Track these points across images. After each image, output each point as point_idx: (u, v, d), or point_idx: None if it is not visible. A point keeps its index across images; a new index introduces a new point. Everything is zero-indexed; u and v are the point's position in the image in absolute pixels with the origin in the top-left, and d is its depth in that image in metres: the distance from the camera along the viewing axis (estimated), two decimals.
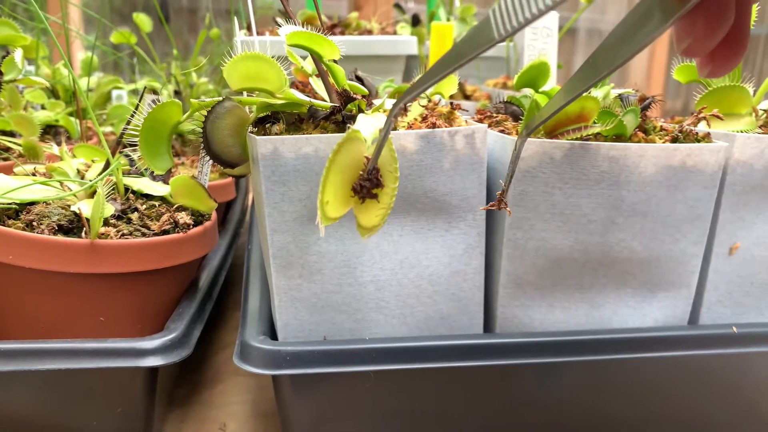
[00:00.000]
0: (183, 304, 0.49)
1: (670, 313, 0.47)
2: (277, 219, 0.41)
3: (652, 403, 0.47)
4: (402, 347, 0.42)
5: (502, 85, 0.97)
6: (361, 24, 0.87)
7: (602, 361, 0.44)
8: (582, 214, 0.43)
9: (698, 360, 0.46)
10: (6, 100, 0.65)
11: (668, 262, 0.45)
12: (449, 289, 0.45)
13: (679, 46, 0.29)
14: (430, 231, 0.43)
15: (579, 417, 0.46)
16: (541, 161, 0.41)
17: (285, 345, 0.41)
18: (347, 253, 0.42)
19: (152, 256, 0.45)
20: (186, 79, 0.92)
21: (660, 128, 0.46)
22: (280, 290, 0.43)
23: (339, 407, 0.43)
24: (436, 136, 0.41)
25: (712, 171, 0.43)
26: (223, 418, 0.53)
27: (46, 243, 0.42)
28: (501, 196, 0.38)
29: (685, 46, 0.29)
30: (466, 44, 0.29)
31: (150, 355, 0.42)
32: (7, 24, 0.61)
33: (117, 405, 0.43)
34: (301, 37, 0.41)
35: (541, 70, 0.44)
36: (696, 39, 0.28)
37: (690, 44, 0.29)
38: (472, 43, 0.29)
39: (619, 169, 0.42)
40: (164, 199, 0.50)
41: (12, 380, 0.41)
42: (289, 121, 0.44)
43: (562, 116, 0.42)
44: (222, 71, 0.41)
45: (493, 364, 0.43)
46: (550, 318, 0.46)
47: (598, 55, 0.31)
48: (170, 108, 0.43)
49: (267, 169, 0.40)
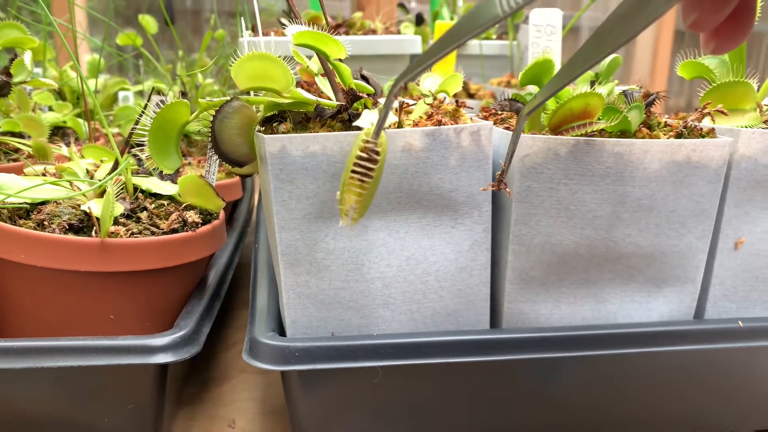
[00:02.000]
0: (192, 302, 0.49)
1: (675, 308, 0.47)
2: (285, 216, 0.42)
3: (658, 397, 0.47)
4: (409, 343, 0.42)
5: (506, 84, 0.98)
6: (366, 24, 0.88)
7: (608, 356, 0.44)
8: (587, 209, 0.43)
9: (704, 354, 0.46)
10: (15, 102, 0.66)
11: (674, 257, 0.45)
12: (456, 285, 0.45)
13: (686, 19, 0.29)
14: (436, 227, 0.44)
15: (585, 412, 0.47)
16: (546, 157, 0.42)
17: (294, 341, 0.41)
18: (354, 249, 0.43)
19: (162, 254, 0.46)
20: (192, 80, 0.93)
21: (664, 124, 0.46)
22: (289, 287, 0.43)
23: (347, 403, 0.44)
24: (442, 134, 0.41)
25: (717, 166, 0.43)
26: (232, 415, 0.54)
27: (57, 242, 0.43)
28: (500, 177, 0.38)
29: (691, 20, 0.29)
30: (469, 20, 0.29)
31: (160, 352, 0.42)
32: (15, 26, 0.62)
33: (128, 402, 0.44)
34: (307, 37, 0.41)
35: (545, 67, 0.45)
36: (703, 13, 0.28)
37: (697, 18, 0.29)
38: (476, 19, 0.29)
39: (624, 165, 0.42)
40: (173, 198, 0.51)
41: (24, 377, 0.42)
42: (296, 120, 0.45)
43: (567, 112, 0.42)
44: (227, 72, 0.42)
45: (499, 359, 0.43)
46: (556, 313, 0.46)
47: (602, 33, 0.30)
48: (179, 108, 0.44)
49: (275, 167, 0.40)
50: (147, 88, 0.93)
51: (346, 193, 0.35)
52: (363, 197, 0.35)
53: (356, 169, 0.35)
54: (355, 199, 0.35)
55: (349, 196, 0.35)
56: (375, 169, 0.35)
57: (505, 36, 1.12)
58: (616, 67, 0.51)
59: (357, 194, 0.35)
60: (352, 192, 0.35)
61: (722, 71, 0.50)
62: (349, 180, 0.35)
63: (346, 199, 0.35)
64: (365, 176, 0.35)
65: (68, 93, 0.83)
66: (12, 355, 0.41)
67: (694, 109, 0.49)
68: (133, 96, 0.88)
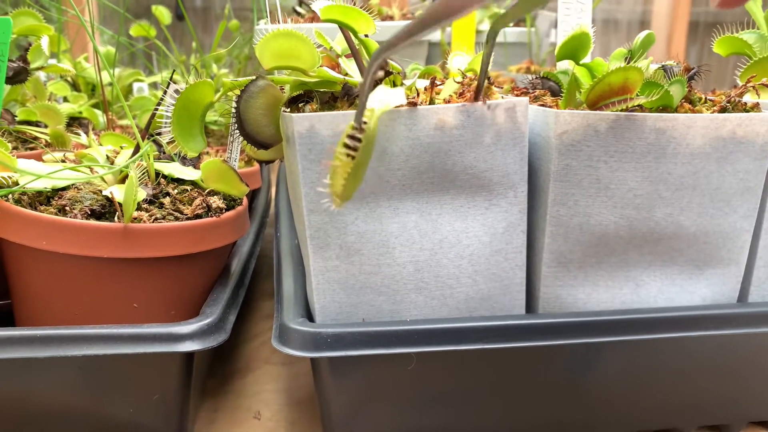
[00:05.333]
0: (217, 290, 0.48)
1: (718, 290, 0.45)
2: (313, 199, 0.40)
3: (701, 382, 0.45)
4: (443, 328, 0.41)
5: (525, 70, 0.96)
6: (383, 10, 0.86)
7: (649, 341, 0.43)
8: (628, 188, 0.41)
9: (748, 338, 0.44)
10: (31, 91, 0.65)
11: (717, 237, 0.43)
12: (490, 269, 0.43)
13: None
14: (469, 209, 0.42)
15: (625, 397, 0.45)
16: (585, 134, 0.40)
17: (326, 327, 0.40)
18: (385, 232, 0.41)
19: (186, 240, 0.44)
20: (206, 71, 0.92)
21: (705, 99, 0.45)
22: (318, 272, 0.42)
23: (379, 390, 0.42)
24: (476, 110, 0.40)
25: (764, 142, 0.41)
26: (257, 406, 0.52)
27: (80, 228, 0.42)
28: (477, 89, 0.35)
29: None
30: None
31: (187, 339, 0.41)
32: (30, 14, 0.61)
33: (153, 392, 0.42)
34: (335, 11, 0.40)
35: (582, 41, 0.43)
36: None
37: None
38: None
39: (666, 141, 0.40)
40: (195, 184, 0.49)
41: (48, 367, 0.40)
42: (322, 100, 0.43)
43: (605, 87, 0.41)
44: (241, 62, 0.41)
45: (536, 345, 0.41)
46: (594, 297, 0.44)
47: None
48: (203, 88, 0.42)
49: (303, 147, 0.39)
50: (161, 79, 0.92)
51: (333, 177, 0.33)
52: (347, 181, 0.33)
53: (341, 150, 0.32)
54: (341, 183, 0.33)
55: (336, 179, 0.33)
56: (359, 151, 0.32)
57: (522, 23, 1.11)
58: (651, 43, 0.50)
59: (343, 177, 0.33)
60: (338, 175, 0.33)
61: (762, 45, 0.48)
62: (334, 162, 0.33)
63: (334, 182, 0.33)
64: (349, 157, 0.32)
65: (83, 84, 0.82)
66: (35, 344, 0.39)
67: (732, 87, 0.47)
68: (147, 87, 0.87)
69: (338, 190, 0.32)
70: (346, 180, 0.32)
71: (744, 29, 0.50)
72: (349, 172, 0.32)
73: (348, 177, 0.32)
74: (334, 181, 0.32)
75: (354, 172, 0.32)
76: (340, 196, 0.32)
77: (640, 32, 0.50)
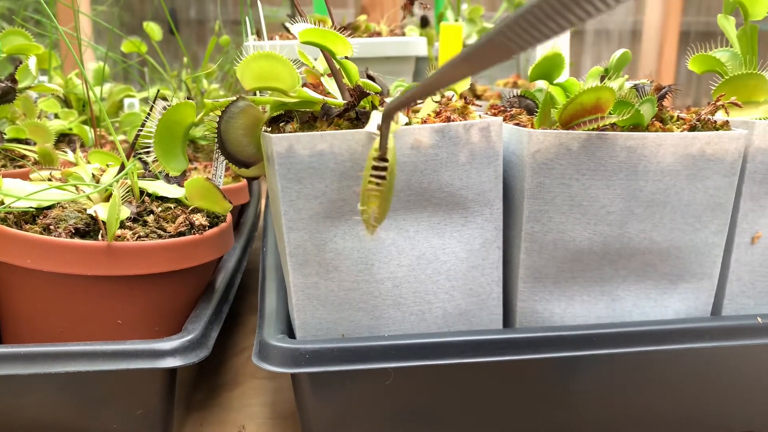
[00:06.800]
0: (200, 306, 0.49)
1: (692, 304, 0.46)
2: (293, 217, 0.41)
3: (674, 396, 0.46)
4: (421, 343, 0.41)
5: (513, 84, 0.97)
6: (370, 26, 0.87)
7: (624, 355, 0.43)
8: (600, 205, 0.42)
9: (722, 352, 0.45)
10: (20, 109, 0.65)
11: (689, 252, 0.44)
12: (467, 284, 0.44)
13: None
14: (446, 226, 0.43)
15: (600, 412, 0.46)
16: (558, 152, 0.41)
17: (304, 343, 0.40)
18: (364, 249, 0.42)
19: (169, 257, 0.45)
20: (197, 86, 0.93)
21: (677, 118, 0.46)
22: (298, 288, 0.43)
23: (359, 405, 0.43)
24: (451, 130, 0.41)
25: (732, 159, 0.42)
26: (242, 420, 0.53)
27: (64, 246, 0.43)
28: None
29: None
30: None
31: (169, 356, 0.41)
32: (20, 33, 0.62)
33: (136, 407, 0.43)
34: (313, 34, 0.41)
35: (555, 62, 0.44)
36: None
37: None
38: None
39: (638, 159, 0.41)
40: (179, 201, 0.50)
41: (32, 384, 0.41)
42: (302, 119, 0.44)
43: (578, 107, 0.42)
44: (232, 77, 0.42)
45: (513, 359, 0.42)
46: (569, 312, 0.45)
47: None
48: (184, 109, 0.43)
49: (282, 167, 0.40)
50: (152, 95, 0.92)
51: (367, 203, 0.35)
52: (381, 203, 0.35)
53: (371, 179, 0.34)
54: (375, 205, 0.35)
55: (371, 204, 0.35)
56: (386, 178, 0.34)
57: None
58: (626, 62, 0.51)
59: (376, 202, 0.35)
60: (371, 201, 0.35)
61: (734, 64, 0.49)
62: (366, 190, 0.34)
63: (368, 208, 0.35)
64: (379, 184, 0.34)
65: (74, 101, 0.83)
66: (19, 361, 0.40)
67: (706, 104, 0.48)
68: (138, 103, 0.88)
69: (376, 214, 0.34)
70: (381, 202, 0.34)
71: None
72: (382, 196, 0.34)
73: (382, 200, 0.34)
74: (368, 206, 0.34)
75: (387, 194, 0.34)
76: (377, 219, 0.34)
77: (632, 42, 0.51)
